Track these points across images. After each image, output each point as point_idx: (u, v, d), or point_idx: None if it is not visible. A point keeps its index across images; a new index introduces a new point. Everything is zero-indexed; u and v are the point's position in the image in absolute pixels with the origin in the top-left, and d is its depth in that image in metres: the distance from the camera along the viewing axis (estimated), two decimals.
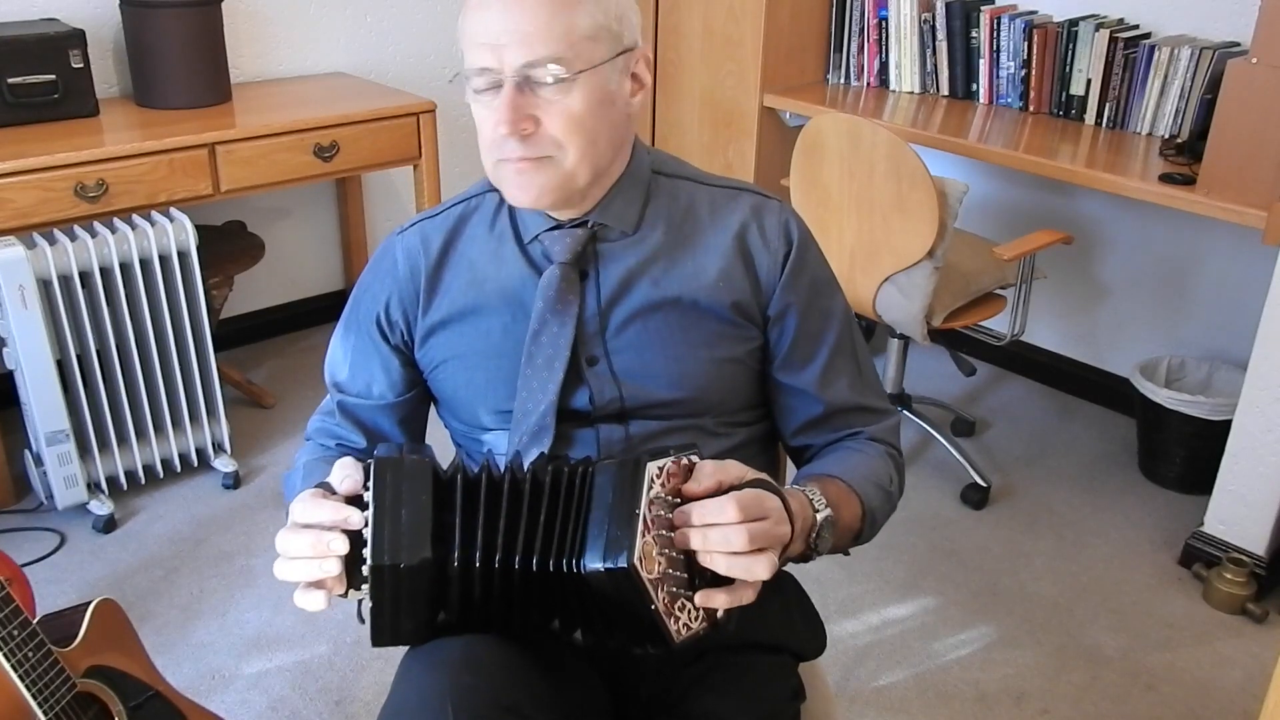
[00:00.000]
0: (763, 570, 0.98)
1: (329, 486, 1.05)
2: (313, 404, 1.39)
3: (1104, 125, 2.87)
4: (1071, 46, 2.87)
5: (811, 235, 1.27)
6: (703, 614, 1.00)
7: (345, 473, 1.04)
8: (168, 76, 2.78)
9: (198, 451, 2.70)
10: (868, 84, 3.27)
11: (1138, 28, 2.87)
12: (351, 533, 0.99)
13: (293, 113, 2.83)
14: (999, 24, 2.98)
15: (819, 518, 1.10)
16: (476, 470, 1.02)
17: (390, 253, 1.28)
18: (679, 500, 1.01)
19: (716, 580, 1.00)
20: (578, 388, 1.20)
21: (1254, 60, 2.23)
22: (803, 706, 1.28)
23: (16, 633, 1.36)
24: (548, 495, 1.01)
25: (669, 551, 0.98)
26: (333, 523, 1.00)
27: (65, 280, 2.37)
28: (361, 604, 1.01)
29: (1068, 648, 2.27)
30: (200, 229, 2.56)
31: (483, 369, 1.23)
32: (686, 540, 0.99)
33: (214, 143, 2.63)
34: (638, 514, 0.95)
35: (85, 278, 2.41)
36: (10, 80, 2.54)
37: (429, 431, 1.36)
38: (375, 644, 1.01)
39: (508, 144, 1.12)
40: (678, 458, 1.01)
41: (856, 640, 2.27)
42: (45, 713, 1.38)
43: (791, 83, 3.24)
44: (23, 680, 1.36)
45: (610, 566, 0.94)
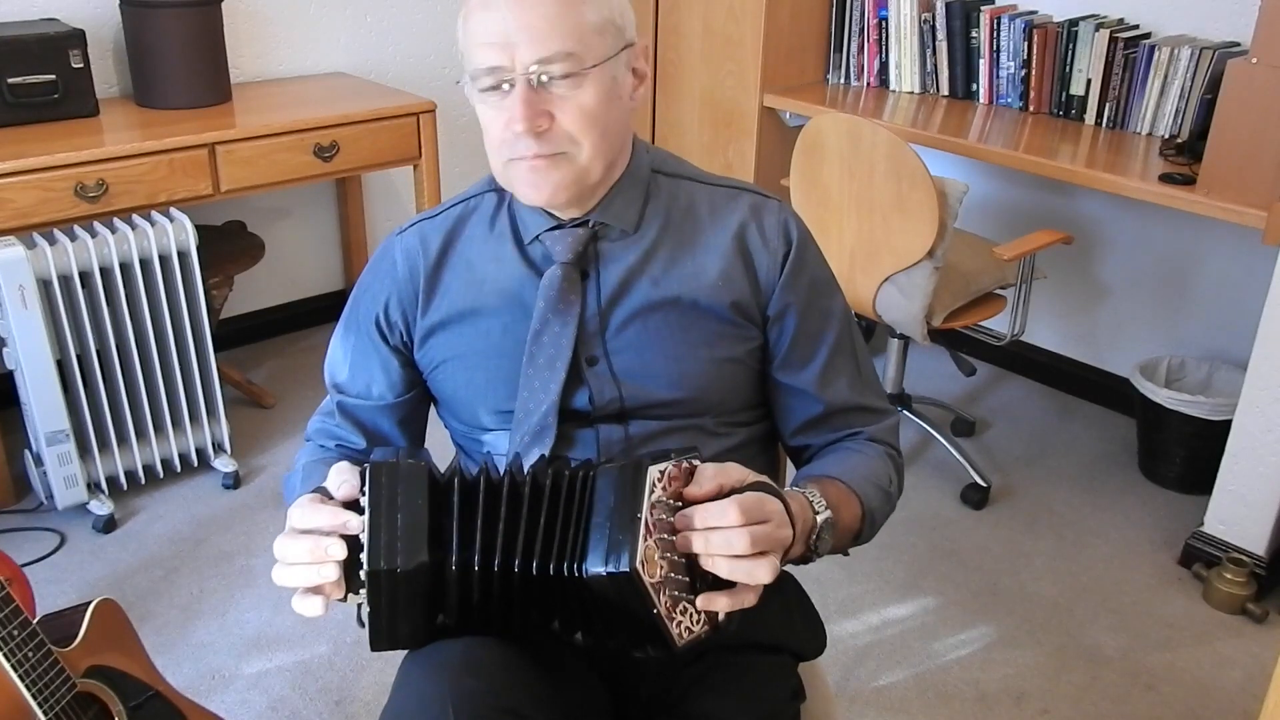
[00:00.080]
0: (764, 574, 0.98)
1: (326, 491, 1.05)
2: (313, 404, 1.39)
3: (1104, 125, 2.87)
4: (1071, 46, 2.87)
5: (811, 235, 1.27)
6: (704, 617, 1.00)
7: (342, 478, 1.04)
8: (168, 76, 2.78)
9: (198, 451, 2.70)
10: (868, 84, 3.27)
11: (1138, 28, 2.86)
12: (349, 537, 0.99)
13: (293, 113, 2.83)
14: (999, 24, 2.98)
15: (819, 520, 1.10)
16: (475, 473, 1.02)
17: (389, 253, 1.28)
18: (680, 504, 1.00)
19: (718, 583, 1.00)
20: (577, 388, 1.19)
21: (1254, 60, 2.23)
22: (803, 706, 1.28)
23: (16, 633, 1.36)
24: (548, 498, 1.00)
25: (670, 555, 0.98)
26: (330, 528, 1.00)
27: (65, 280, 2.37)
28: (361, 608, 1.01)
29: (1068, 648, 2.27)
30: (200, 229, 2.56)
31: (482, 369, 1.23)
32: (688, 543, 0.98)
33: (214, 143, 2.63)
34: (639, 517, 0.95)
35: (85, 278, 2.41)
36: (10, 80, 2.54)
37: (429, 432, 1.36)
38: (374, 648, 1.01)
39: (521, 142, 1.11)
40: (679, 461, 1.01)
41: (856, 640, 2.27)
42: (45, 713, 1.38)
43: (791, 83, 3.24)
44: (23, 680, 1.36)
45: (612, 570, 0.94)
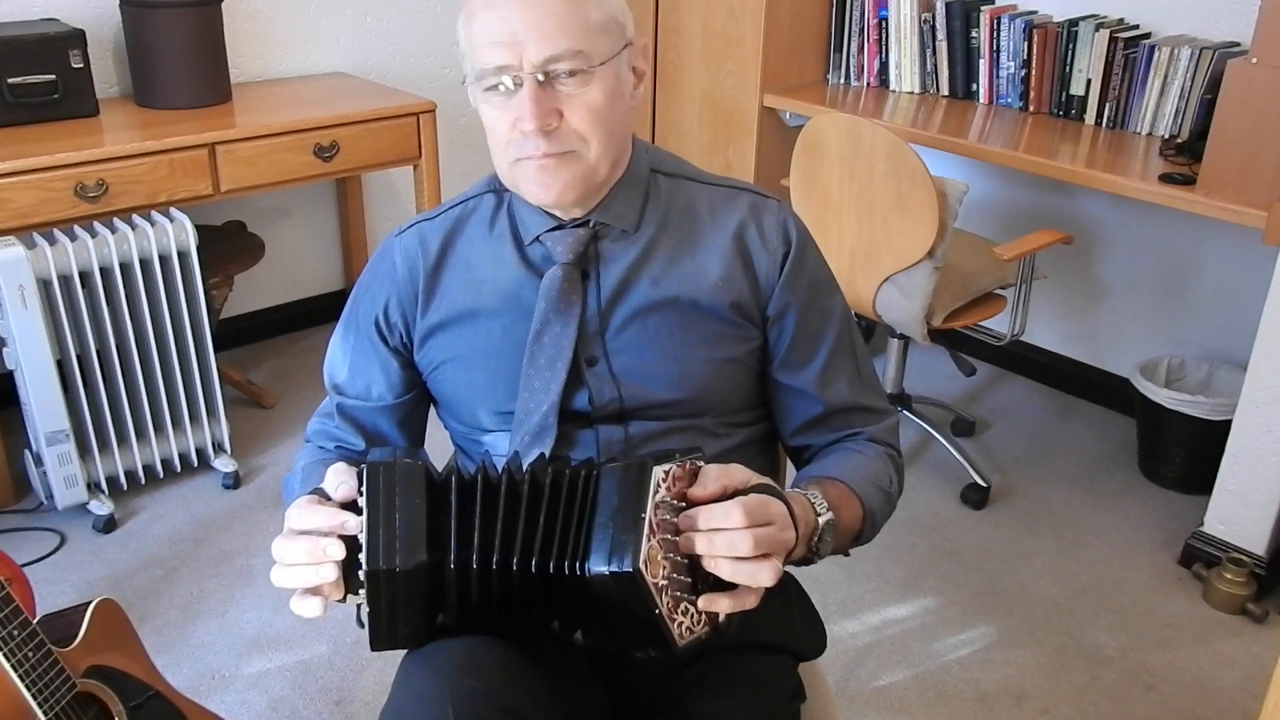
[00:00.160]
0: (767, 577, 0.98)
1: (324, 492, 1.05)
2: (313, 404, 1.39)
3: (1104, 125, 2.87)
4: (1071, 46, 2.87)
5: (810, 235, 1.27)
6: (705, 618, 1.00)
7: (340, 479, 1.04)
8: (168, 76, 2.78)
9: (198, 451, 2.70)
10: (868, 84, 3.27)
11: (1138, 28, 2.86)
12: (347, 538, 0.99)
13: (293, 113, 2.83)
14: (999, 24, 2.98)
15: (821, 521, 1.10)
16: (473, 472, 1.02)
17: (389, 254, 1.28)
18: (684, 504, 1.00)
19: (719, 584, 1.00)
20: (577, 388, 1.19)
21: (1254, 60, 2.23)
22: (803, 706, 1.28)
23: (16, 633, 1.36)
24: (548, 497, 1.00)
25: (673, 555, 0.97)
26: (329, 528, 1.00)
27: (65, 280, 2.37)
28: (360, 609, 1.01)
29: (1068, 648, 2.27)
30: (200, 229, 2.56)
31: (482, 370, 1.23)
32: (691, 544, 0.98)
33: (214, 143, 2.63)
34: (643, 518, 0.95)
35: (85, 278, 2.41)
36: (10, 80, 2.54)
37: (429, 433, 1.36)
38: (374, 648, 1.01)
39: (529, 142, 1.11)
40: (683, 461, 1.01)
41: (856, 640, 2.27)
42: (45, 713, 1.38)
43: (791, 83, 3.24)
44: (23, 680, 1.36)
45: (615, 570, 0.94)
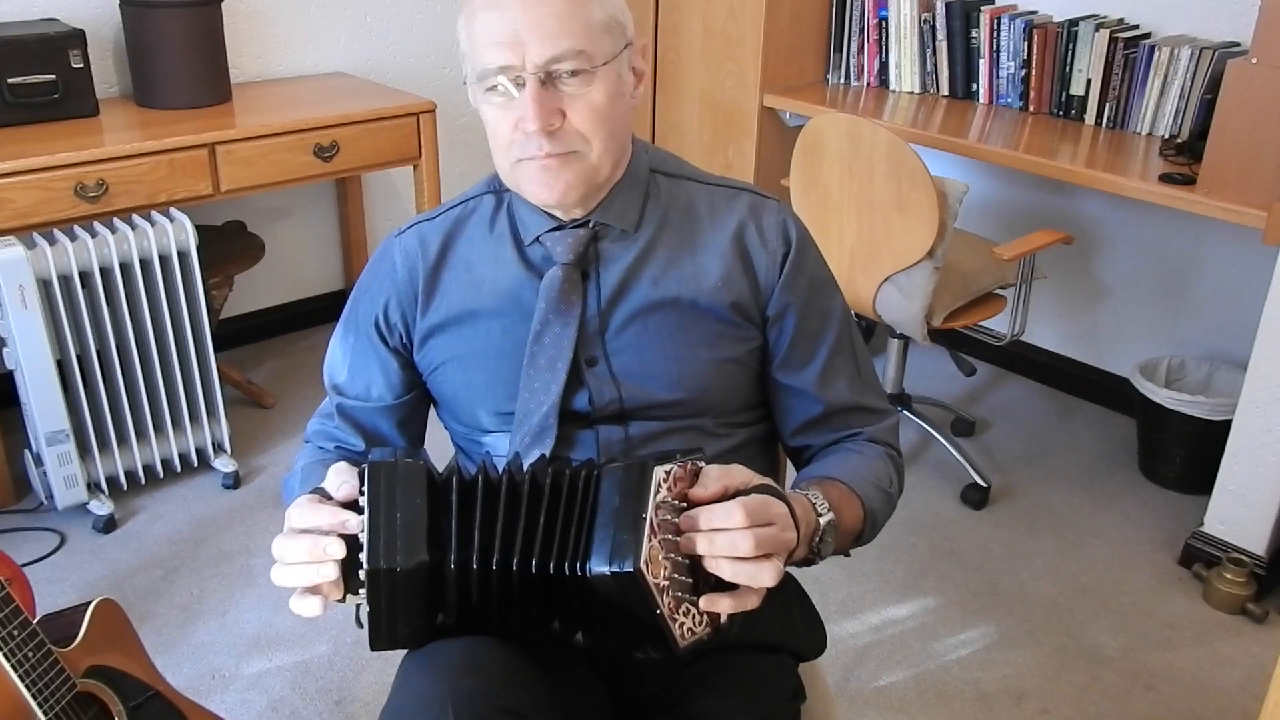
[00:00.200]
0: (768, 577, 0.98)
1: (324, 492, 1.05)
2: (313, 404, 1.39)
3: (1104, 125, 2.87)
4: (1071, 46, 2.87)
5: (810, 235, 1.27)
6: (706, 618, 0.99)
7: (341, 478, 1.04)
8: (168, 76, 2.78)
9: (198, 451, 2.70)
10: (868, 84, 3.27)
11: (1138, 28, 2.86)
12: (348, 538, 0.99)
13: (293, 113, 2.83)
14: (999, 24, 2.98)
15: (822, 522, 1.10)
16: (473, 472, 1.02)
17: (388, 255, 1.28)
18: (685, 505, 1.00)
19: (720, 585, 0.99)
20: (577, 389, 1.19)
21: (1254, 60, 2.23)
22: (803, 707, 1.28)
23: (16, 633, 1.36)
24: (548, 497, 1.00)
25: (674, 556, 0.97)
26: (329, 527, 1.00)
27: (65, 280, 2.37)
28: (359, 608, 1.01)
29: (1068, 648, 2.27)
30: (200, 229, 2.56)
31: (482, 370, 1.23)
32: (693, 545, 0.98)
33: (214, 143, 2.63)
34: (644, 518, 0.94)
35: (85, 278, 2.41)
36: (10, 80, 2.54)
37: (429, 433, 1.36)
38: (374, 648, 1.01)
39: (532, 142, 1.11)
40: (684, 462, 1.01)
41: (856, 640, 2.27)
42: (45, 713, 1.38)
43: (791, 83, 3.24)
44: (23, 680, 1.36)
45: (617, 570, 0.94)
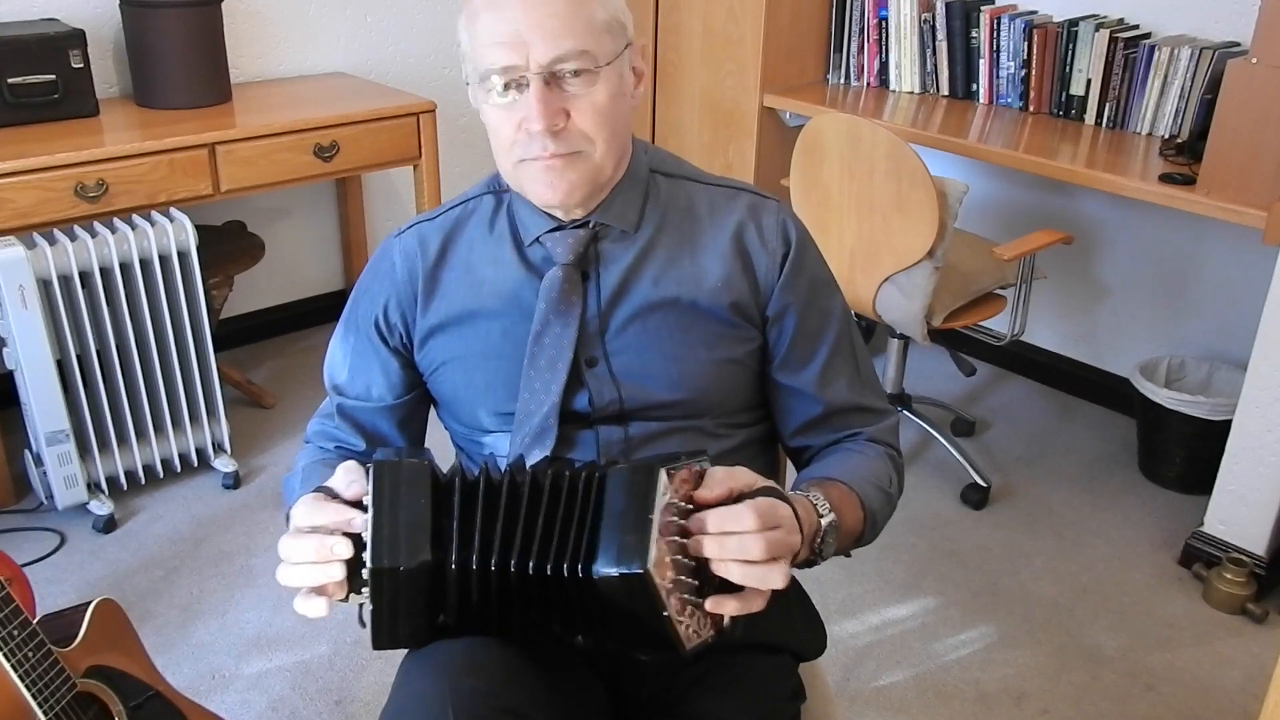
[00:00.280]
0: (777, 580, 0.98)
1: (329, 490, 1.05)
2: (313, 404, 1.39)
3: (1104, 125, 2.87)
4: (1071, 46, 2.87)
5: (809, 236, 1.27)
6: (711, 621, 1.00)
7: (350, 477, 1.04)
8: (168, 76, 2.78)
9: (198, 451, 2.70)
10: (868, 84, 3.27)
11: (1138, 28, 2.86)
12: (350, 538, 0.99)
13: (293, 113, 2.83)
14: (999, 24, 2.98)
15: (823, 523, 1.10)
16: (476, 473, 1.02)
17: (388, 255, 1.28)
18: (690, 506, 1.00)
19: (724, 587, 0.99)
20: (577, 389, 1.19)
21: (1254, 60, 2.23)
22: (803, 707, 1.28)
23: (16, 633, 1.36)
24: (547, 497, 1.00)
25: (680, 558, 0.97)
26: (335, 524, 1.00)
27: (65, 280, 2.37)
28: (362, 608, 1.01)
29: (1068, 648, 2.27)
30: (200, 229, 2.56)
31: (482, 371, 1.23)
32: (702, 547, 0.97)
33: (214, 143, 2.63)
34: (651, 519, 0.94)
35: (85, 278, 2.41)
36: (10, 80, 2.54)
37: (429, 433, 1.36)
38: (376, 647, 1.01)
39: (535, 142, 1.11)
40: (688, 464, 1.01)
41: (856, 640, 2.27)
42: (45, 713, 1.38)
43: (791, 83, 3.24)
44: (23, 680, 1.36)
45: (625, 572, 0.93)
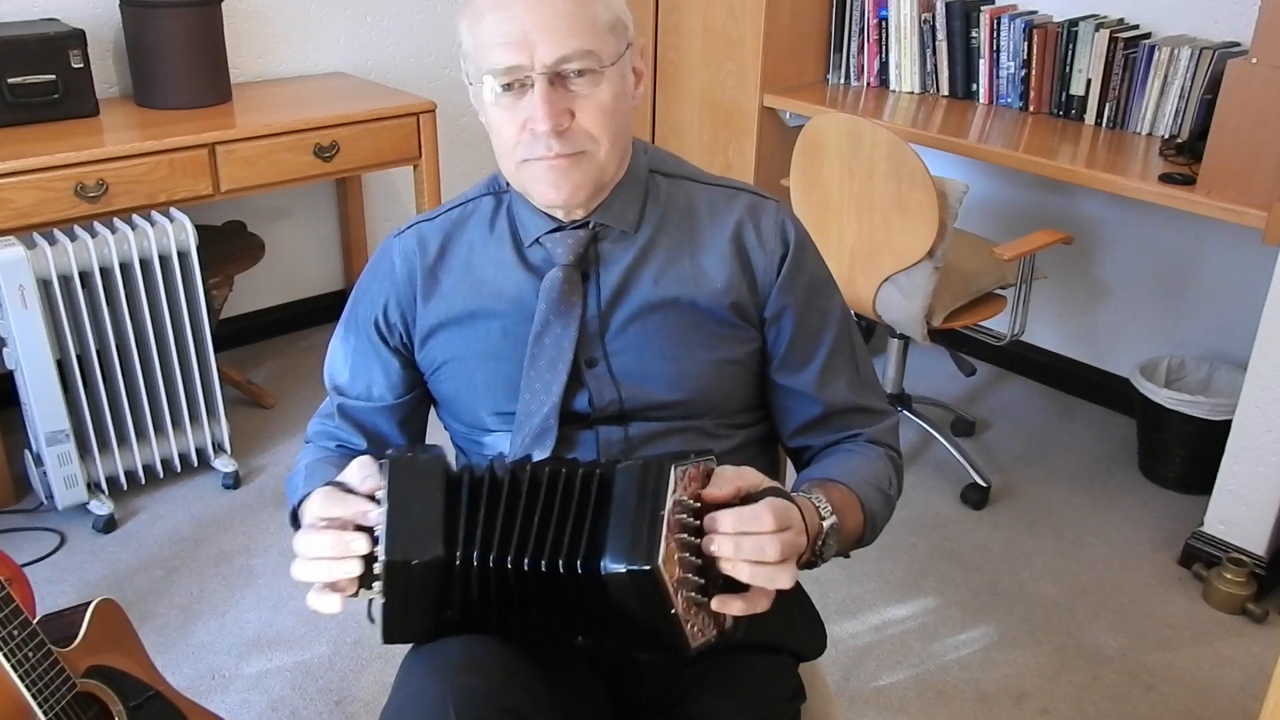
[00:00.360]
0: (785, 580, 0.98)
1: (343, 485, 1.05)
2: (313, 404, 1.39)
3: (1104, 125, 2.87)
4: (1071, 46, 2.87)
5: (808, 236, 1.27)
6: (715, 620, 1.00)
7: (365, 472, 1.04)
8: (168, 76, 2.78)
9: (198, 451, 2.70)
10: (868, 84, 3.27)
11: (1138, 28, 2.86)
12: (363, 531, 1.00)
13: (293, 113, 2.83)
14: (999, 24, 2.98)
15: (825, 525, 1.10)
16: (483, 469, 1.02)
17: (388, 255, 1.28)
18: (698, 505, 1.00)
19: (729, 586, 0.99)
20: (577, 390, 1.19)
21: (1254, 60, 2.23)
22: (803, 707, 1.28)
23: (16, 633, 1.36)
24: (560, 494, 1.00)
25: (688, 556, 0.97)
26: (352, 517, 1.00)
27: (65, 280, 2.37)
28: (371, 603, 1.02)
29: (1068, 648, 2.27)
30: (200, 229, 2.56)
31: (482, 370, 1.23)
32: (718, 546, 0.97)
33: (214, 143, 2.63)
34: (662, 515, 0.95)
35: (85, 278, 2.41)
36: (10, 80, 2.54)
37: (429, 433, 1.36)
38: (386, 641, 1.02)
39: (540, 142, 1.11)
40: (697, 462, 1.01)
41: (856, 640, 2.27)
42: (45, 713, 1.38)
43: (791, 83, 3.24)
44: (23, 680, 1.36)
45: (634, 568, 0.94)
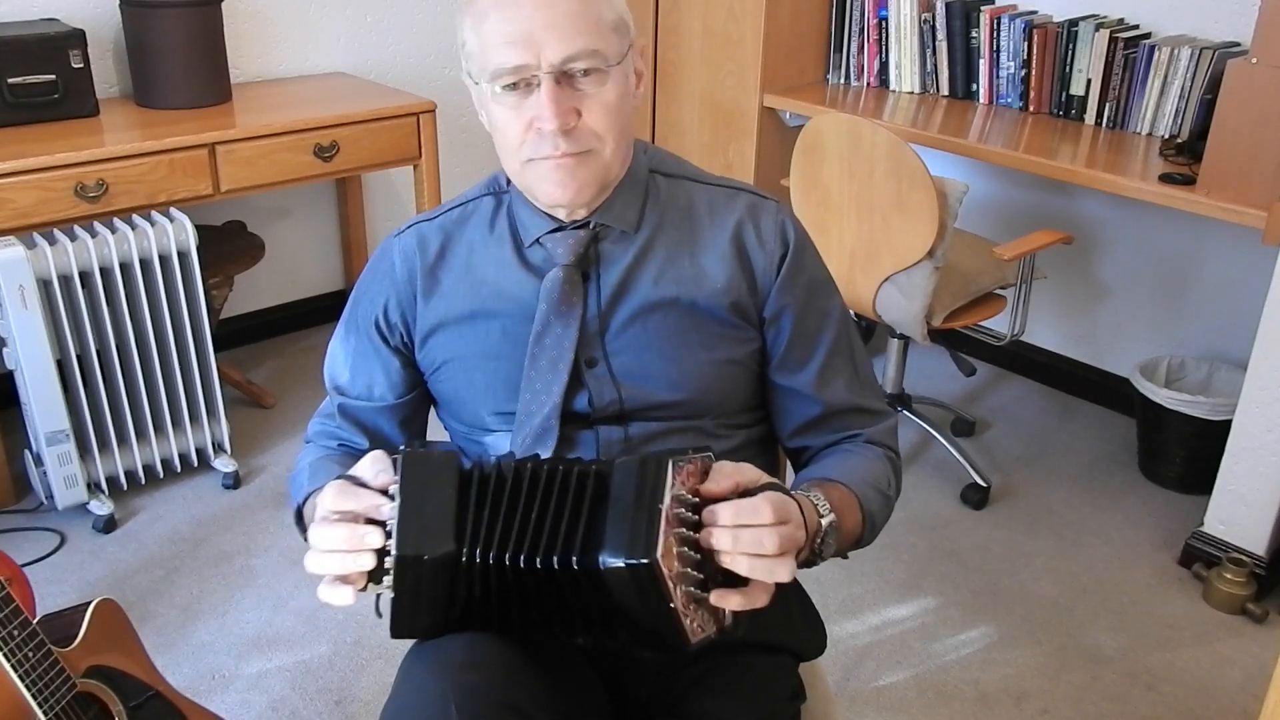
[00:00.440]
0: (784, 574, 0.98)
1: (355, 479, 1.05)
2: (312, 404, 1.39)
3: (1104, 125, 2.87)
4: (1071, 46, 2.87)
5: (808, 236, 1.27)
6: (714, 616, 1.00)
7: (379, 466, 1.05)
8: (168, 76, 2.79)
9: (198, 451, 2.70)
10: (868, 84, 3.27)
11: (1138, 28, 2.86)
12: (376, 526, 1.00)
13: (293, 113, 2.83)
14: (999, 24, 2.98)
15: (824, 523, 1.10)
16: (492, 465, 1.03)
17: (388, 255, 1.28)
18: (697, 500, 1.00)
19: (727, 582, 1.00)
20: (577, 390, 1.20)
21: (1254, 60, 2.23)
22: (803, 707, 1.28)
23: (16, 633, 1.36)
24: (541, 489, 1.00)
25: (686, 550, 0.97)
26: (365, 509, 1.00)
27: (65, 280, 2.37)
28: (379, 598, 1.02)
29: (1068, 648, 2.27)
30: (200, 229, 2.56)
31: (482, 370, 1.23)
32: (717, 539, 0.97)
33: (214, 143, 2.63)
34: (660, 508, 0.95)
35: (85, 278, 2.41)
36: (10, 80, 2.54)
37: (430, 434, 1.36)
38: (394, 635, 1.03)
39: (546, 141, 1.11)
40: (695, 459, 1.01)
41: (856, 640, 2.27)
42: (45, 713, 1.38)
43: (791, 83, 3.24)
44: (23, 680, 1.36)
45: (632, 562, 0.94)
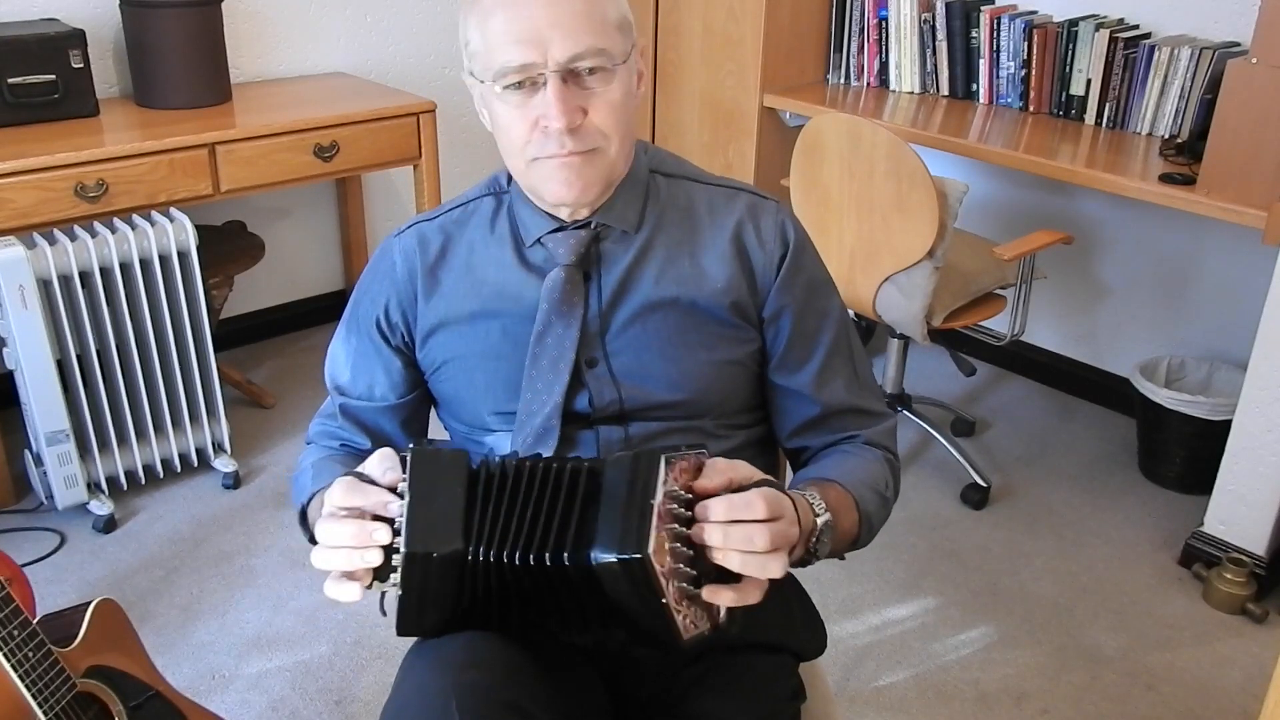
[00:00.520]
0: (776, 570, 0.98)
1: (363, 475, 1.05)
2: (313, 404, 1.39)
3: (1104, 125, 2.87)
4: (1071, 46, 2.87)
5: (808, 237, 1.27)
6: (708, 613, 1.00)
7: (387, 464, 1.04)
8: (168, 76, 2.79)
9: (198, 451, 2.70)
10: (868, 84, 3.27)
11: (1138, 28, 2.86)
12: (384, 523, 1.00)
13: (293, 113, 2.83)
14: (999, 24, 2.98)
15: (819, 523, 1.10)
16: (496, 464, 1.03)
17: (388, 255, 1.28)
18: (690, 496, 1.00)
19: (720, 578, 1.00)
20: (577, 390, 1.20)
21: (1254, 60, 2.23)
22: (803, 707, 1.28)
23: (16, 633, 1.36)
24: (539, 488, 1.00)
25: (679, 546, 0.97)
26: (373, 506, 1.00)
27: (65, 280, 2.37)
28: (384, 596, 1.02)
29: (1068, 648, 2.27)
30: (200, 229, 2.56)
31: (482, 370, 1.23)
32: (706, 534, 0.98)
33: (214, 143, 2.63)
34: (652, 504, 0.95)
35: (85, 278, 2.41)
36: (10, 80, 2.54)
37: (430, 434, 1.36)
38: (400, 633, 1.03)
39: (552, 140, 1.11)
40: (688, 455, 1.01)
41: (856, 640, 2.27)
42: (45, 713, 1.38)
43: (791, 83, 3.24)
44: (23, 680, 1.36)
45: (624, 557, 0.94)
